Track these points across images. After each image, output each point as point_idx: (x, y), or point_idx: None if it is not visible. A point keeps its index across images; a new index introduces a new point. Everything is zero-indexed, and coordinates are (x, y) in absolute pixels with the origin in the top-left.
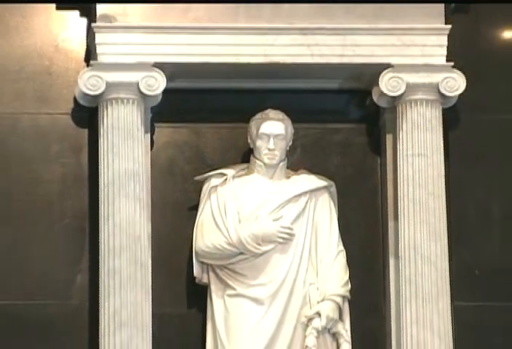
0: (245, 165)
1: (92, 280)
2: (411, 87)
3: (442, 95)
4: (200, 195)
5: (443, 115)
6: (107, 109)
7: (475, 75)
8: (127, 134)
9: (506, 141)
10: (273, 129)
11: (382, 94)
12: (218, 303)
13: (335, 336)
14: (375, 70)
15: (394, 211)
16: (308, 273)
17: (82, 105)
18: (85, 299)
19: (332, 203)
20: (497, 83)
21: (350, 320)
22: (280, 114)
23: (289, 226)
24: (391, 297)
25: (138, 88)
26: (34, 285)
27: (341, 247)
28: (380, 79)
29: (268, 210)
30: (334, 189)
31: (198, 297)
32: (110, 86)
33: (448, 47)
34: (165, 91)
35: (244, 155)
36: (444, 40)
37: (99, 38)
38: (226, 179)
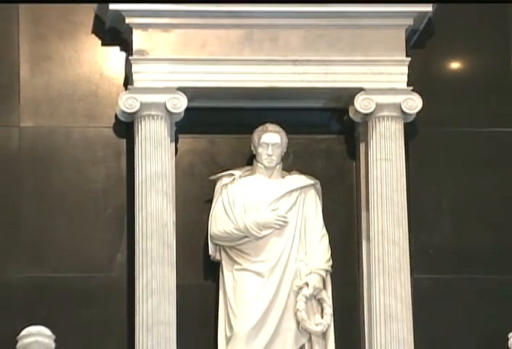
0: (249, 167)
1: (129, 257)
2: (379, 106)
3: (404, 113)
4: (214, 191)
5: (404, 128)
6: (141, 123)
7: (429, 97)
8: (157, 143)
9: (453, 149)
10: (271, 139)
11: (356, 111)
12: (228, 276)
13: (320, 301)
14: (351, 93)
15: (366, 203)
16: (299, 251)
17: (121, 121)
18: (124, 272)
19: (317, 198)
20: (447, 104)
21: (332, 289)
22: (277, 127)
23: (284, 215)
24: (364, 271)
25: (165, 107)
26: (84, 261)
27: (324, 232)
28: (354, 100)
29: (267, 203)
30: (319, 186)
31: (212, 271)
32: (143, 105)
33: (408, 75)
34: (187, 110)
35: (249, 160)
36: (405, 69)
37: (135, 67)
38: (234, 179)
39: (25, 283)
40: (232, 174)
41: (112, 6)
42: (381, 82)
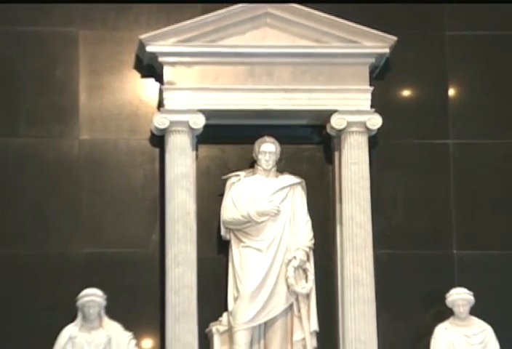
0: (251, 169)
1: (161, 237)
2: (349, 124)
3: (367, 128)
4: (225, 188)
5: (368, 140)
6: (170, 137)
7: (387, 116)
8: (182, 151)
9: (405, 155)
10: (268, 148)
11: (332, 127)
12: (236, 251)
13: (304, 270)
14: (328, 113)
15: (339, 197)
16: (289, 233)
17: (155, 134)
18: (157, 248)
19: (303, 192)
20: (401, 121)
21: (314, 261)
22: (272, 139)
23: (278, 205)
24: (338, 247)
25: (188, 124)
26: (127, 240)
27: (308, 218)
28: (331, 119)
29: (265, 196)
30: (304, 184)
31: (224, 247)
32: (172, 123)
33: (371, 100)
34: (205, 126)
35: (251, 164)
36: (369, 96)
37: (165, 94)
38: (240, 178)
39: (84, 256)
40: (238, 175)
41: (148, 49)
42: (351, 105)
